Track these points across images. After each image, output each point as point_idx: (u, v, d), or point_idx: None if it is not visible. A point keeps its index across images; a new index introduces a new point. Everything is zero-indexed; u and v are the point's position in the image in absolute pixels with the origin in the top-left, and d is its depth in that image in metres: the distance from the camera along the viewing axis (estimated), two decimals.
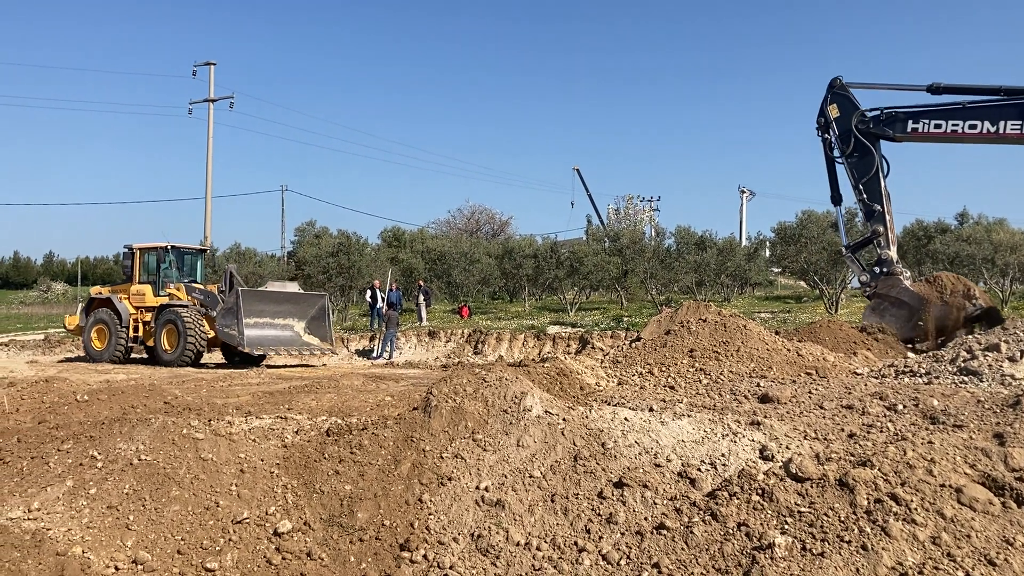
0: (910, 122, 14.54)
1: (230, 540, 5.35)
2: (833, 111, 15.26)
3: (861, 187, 14.98)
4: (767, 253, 32.91)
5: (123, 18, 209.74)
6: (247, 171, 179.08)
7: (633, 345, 11.78)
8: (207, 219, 40.71)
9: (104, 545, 5.21)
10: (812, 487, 4.85)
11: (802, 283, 34.13)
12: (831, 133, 15.33)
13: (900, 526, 4.36)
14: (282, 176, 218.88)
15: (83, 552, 5.06)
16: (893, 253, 14.97)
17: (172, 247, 20.72)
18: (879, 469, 4.85)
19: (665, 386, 9.66)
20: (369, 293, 26.75)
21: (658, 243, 30.92)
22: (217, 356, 21.08)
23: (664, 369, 10.40)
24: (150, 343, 19.86)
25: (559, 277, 30.82)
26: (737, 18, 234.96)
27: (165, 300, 19.66)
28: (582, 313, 29.01)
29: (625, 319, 24.91)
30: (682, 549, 4.72)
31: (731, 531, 4.71)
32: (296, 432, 6.62)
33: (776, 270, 38.26)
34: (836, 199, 16.10)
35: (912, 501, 4.53)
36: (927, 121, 14.34)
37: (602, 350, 13.35)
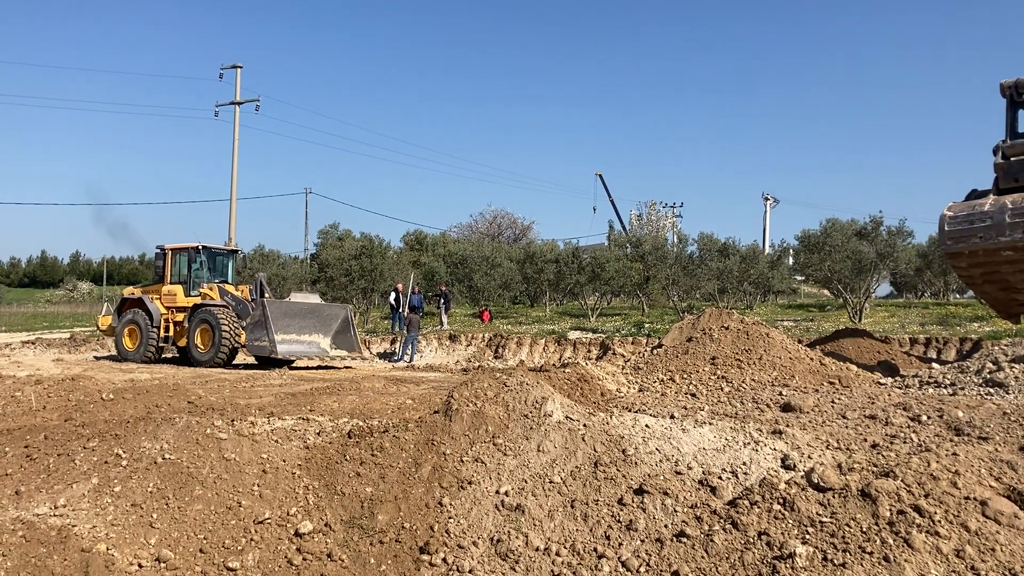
0: None
1: (252, 540, 5.40)
2: None
3: None
4: (790, 261, 32.66)
5: (149, 20, 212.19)
6: (272, 173, 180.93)
7: (654, 352, 11.75)
8: (232, 221, 41.02)
9: (128, 542, 5.27)
10: (834, 497, 4.82)
11: (825, 292, 33.84)
12: None
13: (923, 538, 4.32)
14: (306, 179, 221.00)
15: (107, 549, 5.13)
16: None
17: (203, 248, 20.69)
18: (902, 480, 4.81)
19: (686, 393, 9.63)
20: (392, 296, 26.84)
21: (680, 249, 30.71)
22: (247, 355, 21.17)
23: (686, 376, 10.36)
24: (181, 343, 19.91)
25: (580, 282, 30.75)
26: (763, 26, 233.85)
27: (197, 300, 19.68)
28: (603, 319, 28.94)
29: (646, 325, 24.81)
30: (702, 557, 4.71)
31: (752, 540, 4.69)
32: (318, 434, 6.67)
33: (799, 278, 37.96)
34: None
35: (936, 513, 4.49)
36: None
37: (623, 356, 13.32)
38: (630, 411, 7.68)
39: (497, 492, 5.71)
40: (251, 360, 20.79)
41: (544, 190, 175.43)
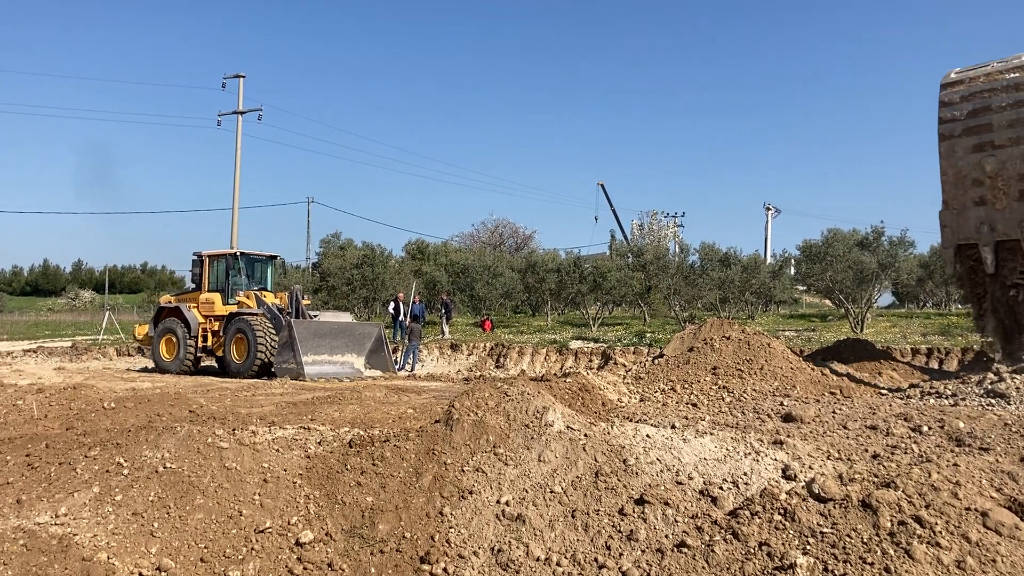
0: None
1: (252, 549, 5.40)
2: None
3: None
4: (792, 271, 32.69)
5: (151, 30, 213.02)
6: (274, 183, 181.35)
7: (656, 361, 11.75)
8: (234, 230, 41.09)
9: (129, 551, 5.27)
10: (835, 508, 4.81)
11: (827, 301, 33.86)
12: None
13: (924, 549, 4.32)
14: (308, 188, 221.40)
15: (108, 558, 5.13)
16: None
17: (241, 254, 20.32)
18: (903, 491, 4.81)
19: (687, 403, 9.63)
20: (392, 305, 26.87)
21: (682, 259, 30.76)
22: None
23: (687, 386, 10.36)
24: (219, 352, 19.46)
25: (582, 292, 30.79)
26: (764, 36, 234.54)
27: (234, 308, 19.21)
28: (605, 328, 28.93)
29: (648, 335, 24.81)
30: (703, 568, 4.70)
31: (752, 551, 4.68)
32: (319, 443, 6.67)
33: (801, 288, 38.01)
34: None
35: (936, 524, 4.48)
36: None
37: (624, 366, 13.31)
38: (631, 421, 7.69)
39: (498, 502, 5.71)
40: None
41: (546, 200, 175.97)
